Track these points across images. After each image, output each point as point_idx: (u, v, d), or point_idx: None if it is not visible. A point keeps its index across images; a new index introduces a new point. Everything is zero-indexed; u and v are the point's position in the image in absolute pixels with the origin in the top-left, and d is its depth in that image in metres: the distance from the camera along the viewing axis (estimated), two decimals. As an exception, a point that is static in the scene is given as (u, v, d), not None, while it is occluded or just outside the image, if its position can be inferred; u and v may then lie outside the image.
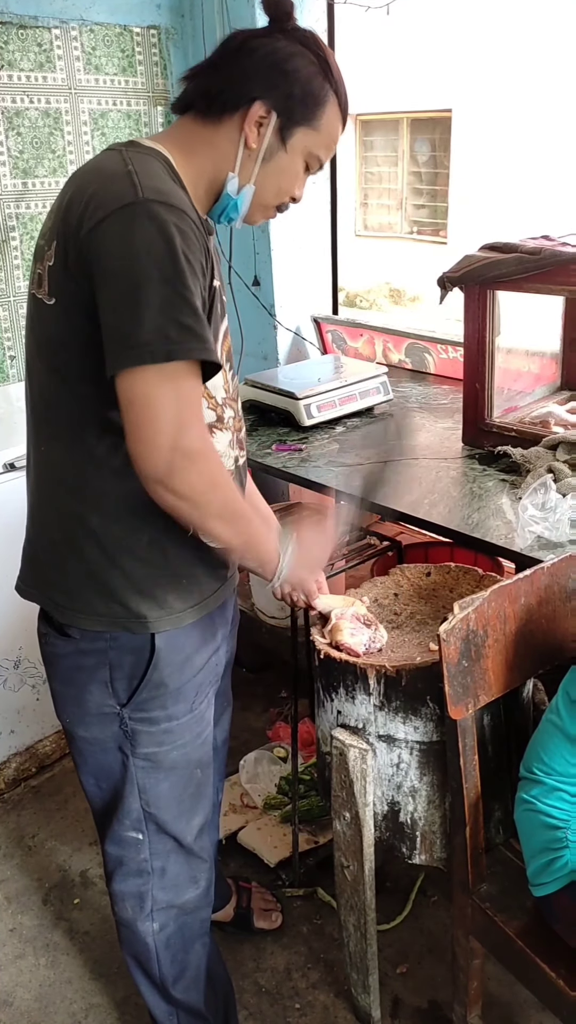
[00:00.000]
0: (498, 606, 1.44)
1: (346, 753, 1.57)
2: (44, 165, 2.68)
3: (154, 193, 1.11)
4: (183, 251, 1.10)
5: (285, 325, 3.08)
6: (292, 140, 1.27)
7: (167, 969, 1.55)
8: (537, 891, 1.39)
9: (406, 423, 2.46)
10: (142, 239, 1.08)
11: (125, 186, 1.11)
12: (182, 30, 2.91)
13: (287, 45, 1.24)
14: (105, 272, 1.11)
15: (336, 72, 1.28)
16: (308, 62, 1.24)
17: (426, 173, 10.70)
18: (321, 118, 1.27)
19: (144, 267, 1.08)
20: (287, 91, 1.23)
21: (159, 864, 1.47)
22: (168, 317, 1.09)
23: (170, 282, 1.09)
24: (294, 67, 1.23)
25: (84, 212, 1.13)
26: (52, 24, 2.58)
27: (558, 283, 1.92)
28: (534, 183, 8.40)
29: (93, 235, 1.11)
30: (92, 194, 1.13)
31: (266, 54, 1.23)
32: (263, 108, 1.23)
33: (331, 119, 1.29)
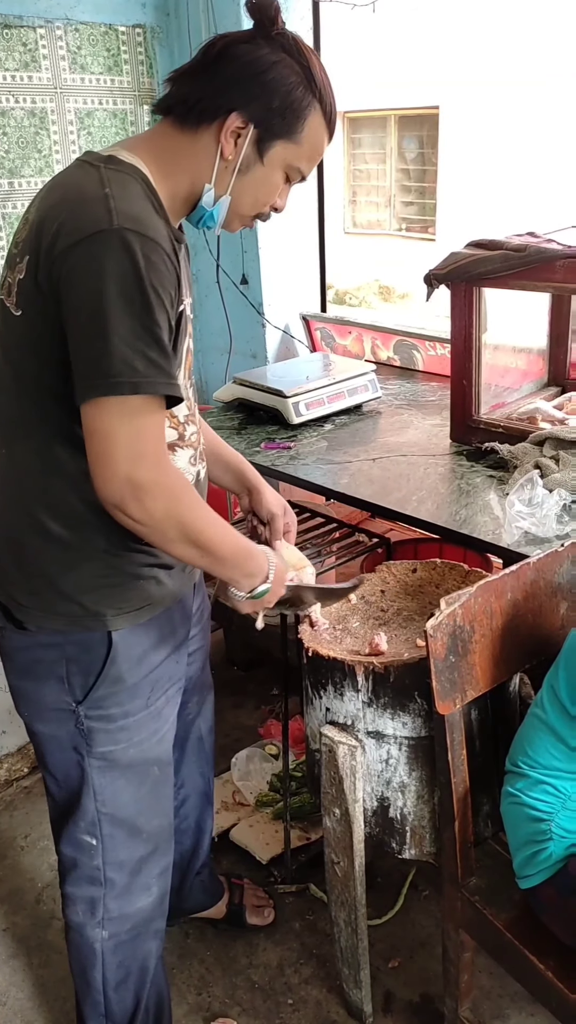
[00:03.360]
0: (484, 601, 1.45)
1: (335, 750, 1.57)
2: (30, 165, 2.68)
3: (129, 221, 1.11)
4: (153, 283, 1.11)
5: (273, 323, 3.08)
6: (270, 153, 1.24)
7: (111, 975, 1.53)
8: (523, 883, 1.40)
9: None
10: (113, 269, 1.09)
11: (100, 211, 1.11)
12: (168, 29, 2.91)
13: (269, 53, 1.20)
14: (75, 298, 1.12)
15: (322, 81, 1.23)
16: (290, 72, 1.20)
17: (414, 170, 10.71)
18: (302, 130, 1.24)
19: (113, 299, 1.09)
20: (266, 103, 1.20)
21: (112, 873, 1.47)
22: (135, 351, 1.10)
23: (138, 316, 1.10)
24: (274, 77, 1.19)
25: (58, 232, 1.13)
26: (37, 23, 2.58)
27: (543, 279, 1.93)
28: (521, 180, 8.43)
29: (65, 258, 1.11)
30: (67, 215, 1.13)
31: (246, 63, 1.19)
32: (240, 120, 1.21)
33: (314, 131, 1.25)
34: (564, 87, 8.13)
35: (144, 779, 1.46)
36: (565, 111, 8.20)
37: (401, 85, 9.66)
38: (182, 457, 1.36)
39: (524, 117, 8.53)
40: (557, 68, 8.12)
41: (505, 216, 5.46)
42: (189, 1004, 1.86)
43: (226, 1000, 1.86)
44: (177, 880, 1.89)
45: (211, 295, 3.18)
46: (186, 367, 1.33)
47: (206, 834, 1.91)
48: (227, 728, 2.56)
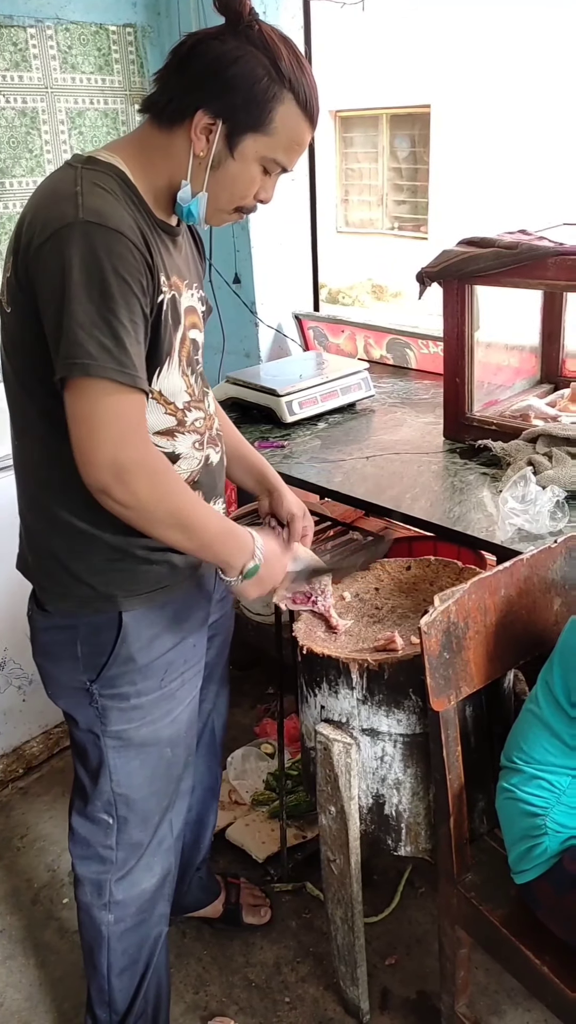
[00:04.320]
0: (478, 598, 1.45)
1: (330, 747, 1.57)
2: (21, 165, 2.67)
3: (92, 215, 1.14)
4: (114, 271, 1.14)
5: (266, 322, 3.08)
6: (241, 147, 1.25)
7: (115, 960, 1.58)
8: (519, 878, 1.40)
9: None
10: (73, 259, 1.13)
11: (67, 208, 1.15)
12: (158, 28, 2.91)
13: (235, 48, 1.21)
14: (43, 290, 1.17)
15: (291, 69, 1.23)
16: (255, 64, 1.21)
17: (406, 169, 10.72)
18: (272, 122, 1.24)
19: (72, 286, 1.13)
20: (230, 97, 1.21)
21: (122, 853, 1.51)
22: (89, 335, 1.13)
23: (95, 302, 1.14)
24: (236, 72, 1.20)
25: (32, 231, 1.18)
26: (27, 23, 2.57)
27: (535, 277, 1.93)
28: (513, 177, 8.44)
29: (36, 254, 1.16)
30: (39, 213, 1.18)
31: (210, 60, 1.21)
32: (207, 116, 1.22)
33: (287, 120, 1.25)
34: (555, 85, 8.14)
35: (158, 760, 1.49)
36: (556, 109, 8.21)
37: (392, 84, 9.67)
38: (184, 443, 1.37)
39: (515, 115, 8.54)
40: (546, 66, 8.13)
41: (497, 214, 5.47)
42: (187, 1003, 1.86)
43: (223, 999, 1.86)
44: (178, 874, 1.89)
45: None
46: (183, 354, 1.34)
47: (208, 828, 1.92)
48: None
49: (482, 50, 8.56)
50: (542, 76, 8.22)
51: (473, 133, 9.07)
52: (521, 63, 8.32)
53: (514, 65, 8.38)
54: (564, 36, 7.81)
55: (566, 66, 8.00)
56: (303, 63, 1.26)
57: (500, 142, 8.73)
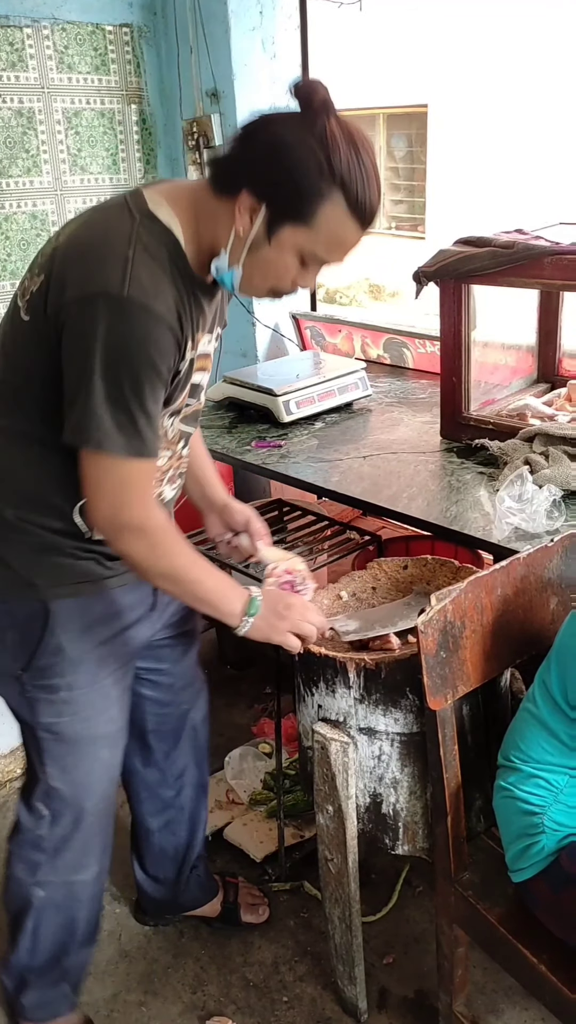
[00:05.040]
0: (475, 597, 1.45)
1: (327, 747, 1.58)
2: (18, 165, 2.67)
3: (138, 292, 1.16)
4: (146, 357, 1.19)
5: (263, 322, 3.08)
6: (279, 235, 1.22)
7: (43, 927, 1.61)
8: (516, 876, 1.41)
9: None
10: (107, 334, 1.15)
11: (114, 273, 1.15)
12: (155, 28, 2.91)
13: (293, 136, 1.17)
14: (72, 349, 1.19)
15: (346, 169, 1.17)
16: (309, 156, 1.16)
17: (403, 168, 10.73)
18: (315, 216, 1.19)
19: (100, 362, 1.16)
20: (276, 185, 1.19)
21: (54, 845, 1.54)
22: (106, 413, 1.18)
23: (119, 385, 1.18)
24: (287, 160, 1.17)
25: (72, 273, 1.19)
26: (24, 23, 2.57)
27: (532, 276, 1.94)
28: (509, 177, 8.44)
29: (73, 307, 1.18)
30: (86, 261, 1.18)
31: (267, 143, 1.18)
32: (251, 198, 1.20)
33: (332, 218, 1.20)
34: (551, 85, 8.15)
35: (94, 760, 1.51)
36: (553, 109, 8.22)
37: (389, 84, 9.67)
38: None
39: (512, 115, 8.54)
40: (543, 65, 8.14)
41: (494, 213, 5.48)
42: (184, 1003, 1.86)
43: (221, 998, 1.86)
44: (173, 873, 1.90)
45: (201, 294, 3.18)
46: (177, 402, 1.36)
47: (201, 825, 1.92)
48: (220, 727, 2.56)
49: (479, 50, 8.56)
50: (539, 76, 8.22)
51: (470, 133, 9.08)
52: (518, 63, 8.33)
53: (511, 65, 8.38)
54: (561, 36, 7.81)
55: (563, 66, 8.01)
56: (365, 164, 1.20)
57: (497, 142, 8.73)
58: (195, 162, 2.94)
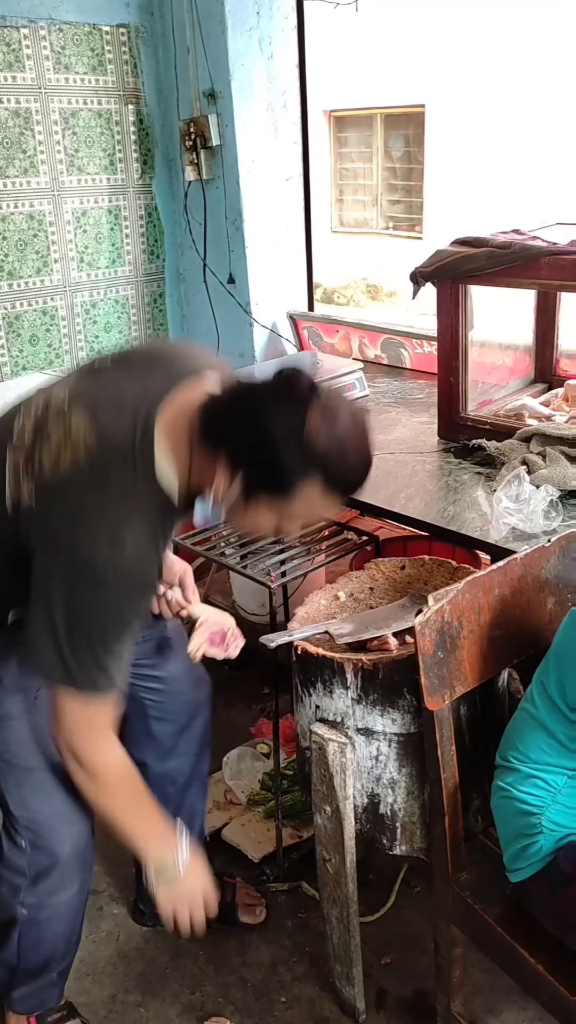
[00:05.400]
0: (472, 597, 1.45)
1: (325, 747, 1.58)
2: (15, 165, 2.67)
3: (123, 563, 1.20)
4: (124, 619, 1.25)
5: (261, 322, 3.09)
6: (256, 502, 1.22)
7: (28, 939, 1.61)
8: (514, 876, 1.41)
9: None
10: (85, 595, 1.21)
11: (102, 542, 1.20)
12: (152, 28, 2.91)
13: (275, 419, 1.16)
14: (49, 589, 1.23)
15: (327, 453, 1.17)
16: (287, 442, 1.16)
17: (401, 168, 10.72)
18: (292, 494, 1.20)
19: (75, 614, 1.22)
20: (254, 463, 1.19)
21: (34, 873, 1.55)
22: (73, 657, 1.24)
23: (91, 638, 1.24)
24: (267, 443, 1.16)
25: (62, 527, 1.22)
26: (20, 23, 2.57)
27: (529, 277, 1.94)
28: (507, 177, 8.44)
29: (51, 560, 1.23)
30: (78, 518, 1.21)
31: (247, 421, 1.18)
32: (227, 466, 1.20)
33: (310, 497, 1.21)
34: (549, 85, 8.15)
35: (51, 785, 1.51)
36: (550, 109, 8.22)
37: (387, 84, 9.67)
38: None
39: (509, 115, 8.54)
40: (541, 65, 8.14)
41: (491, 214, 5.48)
42: (183, 1003, 1.86)
43: (219, 999, 1.86)
44: None
45: (198, 295, 3.18)
46: None
47: (198, 818, 1.93)
48: (218, 727, 2.54)
49: (476, 50, 8.56)
50: (536, 76, 8.22)
51: (467, 133, 9.07)
52: (515, 63, 8.32)
53: (508, 65, 8.38)
54: (559, 36, 7.82)
55: (561, 66, 8.01)
56: (348, 446, 1.20)
57: (494, 142, 8.73)
58: (192, 162, 2.94)
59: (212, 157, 2.93)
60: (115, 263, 3.05)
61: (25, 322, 2.85)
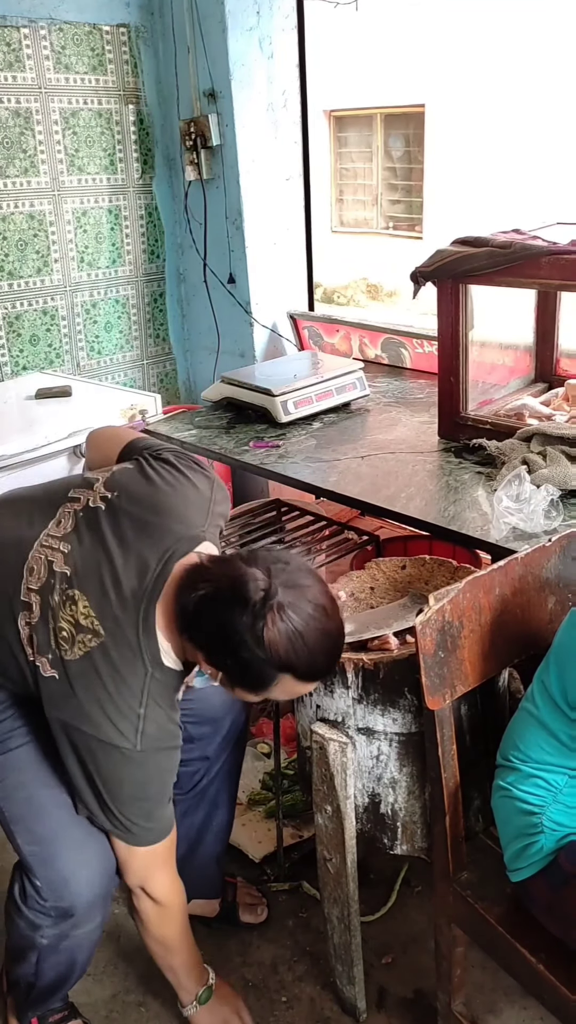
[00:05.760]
0: (473, 597, 1.45)
1: (326, 747, 1.58)
2: (15, 165, 2.67)
3: (152, 744, 1.37)
4: (163, 782, 1.42)
5: (261, 322, 3.09)
6: (236, 691, 1.38)
7: (46, 963, 1.60)
8: (514, 876, 1.41)
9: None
10: (129, 777, 1.38)
11: (127, 730, 1.35)
12: (152, 28, 2.91)
13: (239, 622, 1.27)
14: (93, 769, 1.39)
15: (291, 657, 1.28)
16: (251, 657, 1.28)
17: (400, 168, 10.72)
18: (266, 687, 1.34)
19: (124, 789, 1.39)
20: (223, 664, 1.33)
21: (57, 914, 1.51)
22: (128, 819, 1.41)
23: (138, 799, 1.41)
24: (235, 656, 1.30)
25: (89, 720, 1.36)
26: (21, 23, 2.57)
27: (529, 276, 1.94)
28: (507, 177, 8.44)
29: (85, 746, 1.37)
30: (100, 712, 1.35)
31: (215, 625, 1.30)
32: (207, 663, 1.36)
33: (284, 689, 1.35)
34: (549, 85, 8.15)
35: (51, 815, 1.50)
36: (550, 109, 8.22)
37: (387, 83, 9.67)
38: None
39: (509, 114, 8.54)
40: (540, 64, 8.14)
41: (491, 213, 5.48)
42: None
43: (220, 999, 1.86)
44: (184, 849, 1.88)
45: (199, 294, 3.18)
46: None
47: (219, 812, 1.90)
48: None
49: (476, 50, 8.55)
50: (536, 76, 8.22)
51: (467, 133, 9.07)
52: (515, 63, 8.32)
53: (508, 65, 8.38)
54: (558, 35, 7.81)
55: (560, 66, 8.01)
56: (308, 640, 1.29)
57: (494, 142, 8.73)
58: (192, 162, 2.94)
59: (212, 157, 2.94)
60: (115, 263, 3.05)
61: (25, 322, 2.85)
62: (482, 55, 8.55)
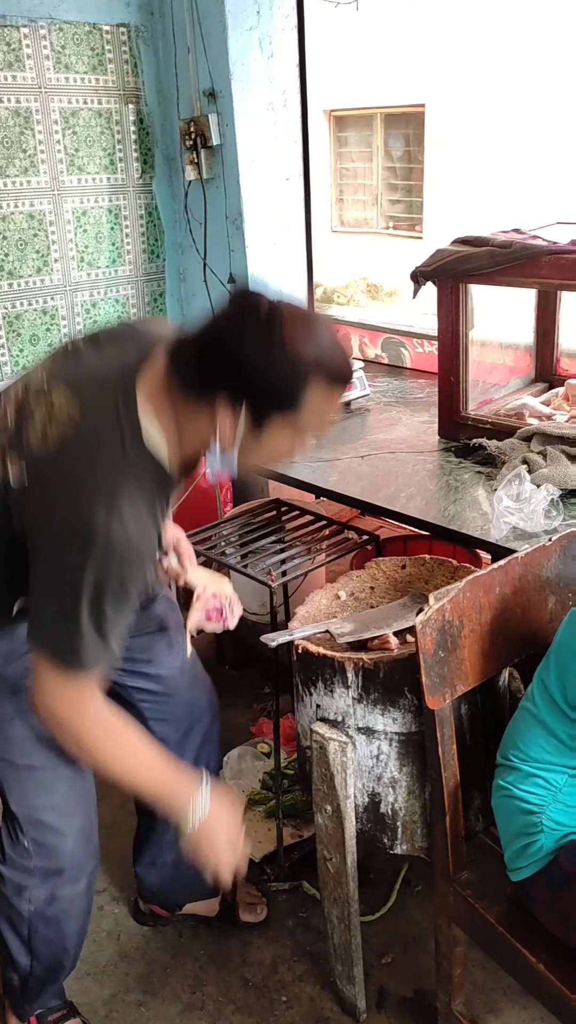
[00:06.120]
0: (473, 596, 1.45)
1: (326, 746, 1.57)
2: (15, 164, 2.67)
3: (120, 534, 1.18)
4: (125, 590, 1.23)
5: (261, 322, 3.08)
6: (269, 425, 1.23)
7: (38, 935, 1.61)
8: (514, 875, 1.41)
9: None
10: (85, 567, 1.18)
11: (99, 516, 1.18)
12: (152, 28, 2.91)
13: (257, 348, 1.18)
14: (45, 567, 1.24)
15: (318, 352, 1.20)
16: (280, 361, 1.18)
17: (400, 168, 10.72)
18: (301, 401, 1.21)
19: (77, 591, 1.20)
20: (251, 388, 1.20)
21: (42, 873, 1.54)
22: (74, 632, 1.22)
23: (92, 613, 1.21)
24: (263, 371, 1.18)
25: (56, 496, 1.21)
26: (20, 23, 2.57)
27: (529, 276, 1.94)
28: (507, 176, 8.44)
29: (48, 536, 1.22)
30: (70, 487, 1.21)
31: (233, 363, 1.19)
32: (228, 403, 1.21)
33: (318, 397, 1.22)
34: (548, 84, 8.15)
35: (53, 780, 1.51)
36: (550, 108, 8.22)
37: (387, 83, 9.67)
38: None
39: (509, 114, 8.54)
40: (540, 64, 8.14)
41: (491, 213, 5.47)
42: (183, 1003, 1.86)
43: (220, 998, 1.86)
44: (172, 858, 1.88)
45: (198, 294, 3.18)
46: None
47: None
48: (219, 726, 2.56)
49: (476, 50, 8.55)
50: (536, 75, 8.22)
51: (467, 133, 9.07)
52: (515, 62, 8.32)
53: (508, 65, 8.38)
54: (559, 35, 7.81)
55: (560, 65, 8.01)
56: (328, 339, 1.23)
57: (494, 141, 8.72)
58: (192, 162, 2.93)
59: (212, 157, 2.93)
60: (115, 263, 3.05)
61: (25, 321, 2.85)
62: (482, 55, 8.54)
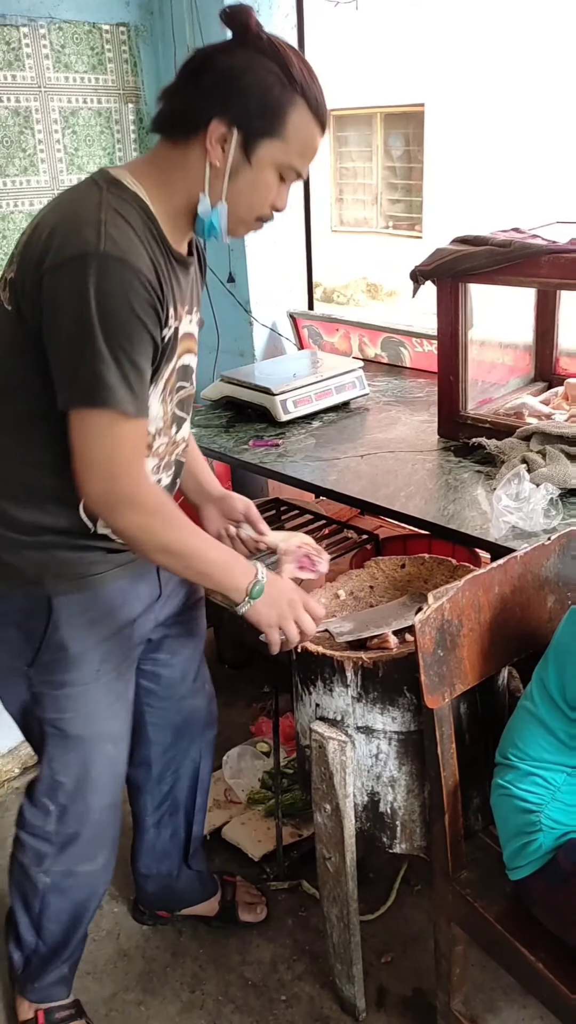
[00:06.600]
0: (472, 595, 1.45)
1: (325, 746, 1.58)
2: (15, 164, 2.67)
3: (113, 248, 1.16)
4: (131, 310, 1.19)
5: (261, 321, 3.09)
6: (258, 153, 1.26)
7: (49, 910, 1.63)
8: (513, 875, 1.41)
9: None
10: (91, 292, 1.15)
11: (89, 235, 1.16)
12: (151, 27, 2.91)
13: (243, 58, 1.24)
14: (53, 317, 1.20)
15: (302, 76, 1.25)
16: (266, 72, 1.23)
17: (400, 168, 10.73)
18: (286, 126, 1.25)
19: (90, 320, 1.16)
20: (244, 106, 1.23)
21: (61, 840, 1.56)
22: (107, 368, 1.18)
23: (111, 338, 1.17)
24: (249, 80, 1.22)
25: (47, 247, 1.19)
26: (20, 22, 2.57)
27: (528, 275, 1.94)
28: (507, 175, 8.45)
29: (48, 278, 1.19)
30: (58, 232, 1.19)
31: (221, 71, 1.23)
32: (222, 126, 1.23)
33: (300, 125, 1.26)
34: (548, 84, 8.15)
35: (96, 756, 1.52)
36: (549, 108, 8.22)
37: (386, 83, 9.67)
38: (146, 465, 1.39)
39: (509, 114, 8.55)
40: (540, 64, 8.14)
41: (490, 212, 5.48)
42: (183, 1002, 1.86)
43: (219, 997, 1.86)
44: (169, 867, 1.92)
45: (198, 293, 3.18)
46: (169, 382, 1.36)
47: (197, 820, 1.92)
48: (218, 726, 2.56)
49: (476, 49, 8.56)
50: (535, 75, 8.22)
51: (467, 132, 9.08)
52: (515, 61, 8.33)
53: (508, 64, 8.38)
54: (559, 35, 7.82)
55: (559, 65, 8.01)
56: (311, 70, 1.28)
57: (494, 141, 8.73)
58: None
59: (212, 156, 2.94)
60: (115, 262, 3.05)
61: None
62: (481, 55, 8.55)
